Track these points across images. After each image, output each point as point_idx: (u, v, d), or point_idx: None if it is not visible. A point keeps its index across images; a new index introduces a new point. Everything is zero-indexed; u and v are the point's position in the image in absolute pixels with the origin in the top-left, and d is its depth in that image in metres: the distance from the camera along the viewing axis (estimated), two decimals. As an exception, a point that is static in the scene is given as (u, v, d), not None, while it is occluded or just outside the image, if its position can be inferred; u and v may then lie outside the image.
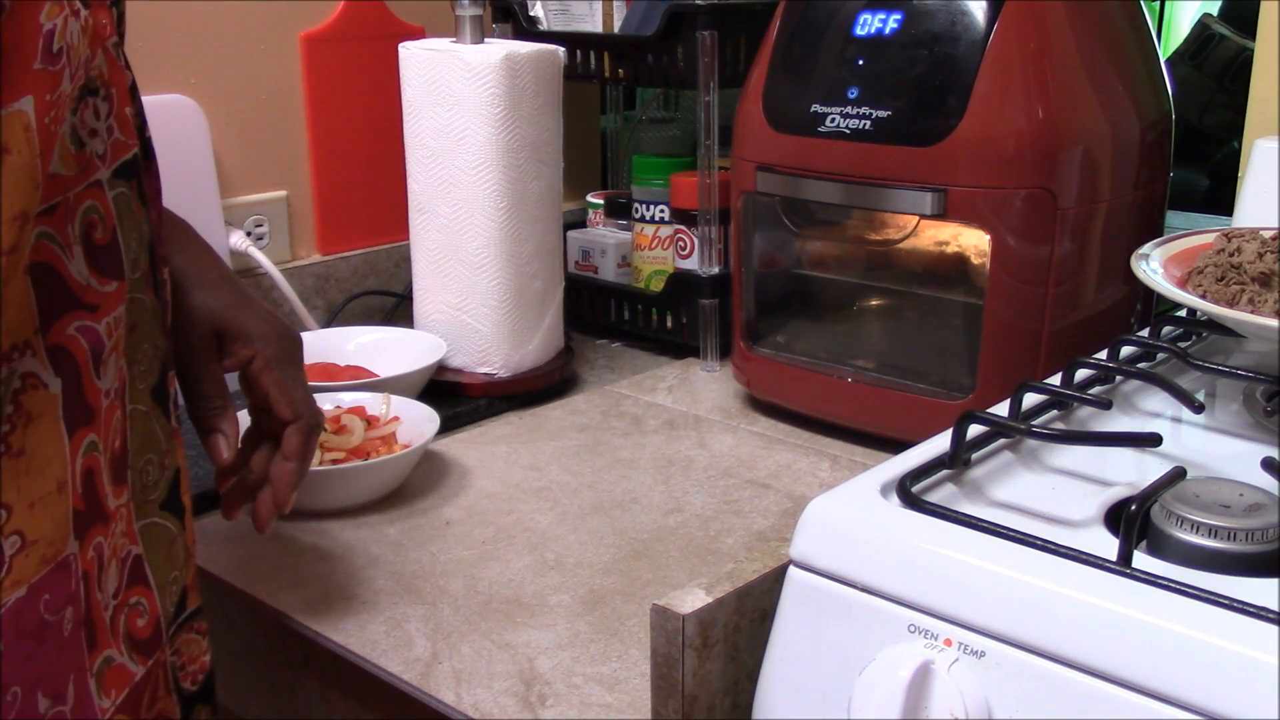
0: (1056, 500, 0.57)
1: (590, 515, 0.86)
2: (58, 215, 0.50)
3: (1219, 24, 2.24)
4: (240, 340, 0.70)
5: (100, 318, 0.53)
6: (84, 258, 0.52)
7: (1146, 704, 0.44)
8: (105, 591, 0.54)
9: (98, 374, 0.52)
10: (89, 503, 0.52)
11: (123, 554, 0.56)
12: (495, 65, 1.00)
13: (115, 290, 0.54)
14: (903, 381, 0.92)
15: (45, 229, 0.49)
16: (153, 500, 0.59)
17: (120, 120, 0.55)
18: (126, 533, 0.56)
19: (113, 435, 0.54)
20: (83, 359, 0.52)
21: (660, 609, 0.54)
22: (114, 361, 0.54)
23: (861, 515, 0.54)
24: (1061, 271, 0.85)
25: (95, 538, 0.53)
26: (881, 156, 0.87)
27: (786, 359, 1.00)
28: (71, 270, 0.51)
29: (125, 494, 0.56)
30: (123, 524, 0.56)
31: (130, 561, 0.57)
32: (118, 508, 0.55)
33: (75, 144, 0.51)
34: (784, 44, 0.95)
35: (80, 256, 0.52)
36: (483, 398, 1.05)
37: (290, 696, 0.76)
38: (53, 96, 0.47)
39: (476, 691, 0.66)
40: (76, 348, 0.51)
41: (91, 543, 0.53)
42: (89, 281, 0.52)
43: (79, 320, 0.51)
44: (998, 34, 0.83)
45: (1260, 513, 0.51)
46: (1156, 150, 0.91)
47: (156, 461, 0.59)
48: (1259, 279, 0.67)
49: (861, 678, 0.50)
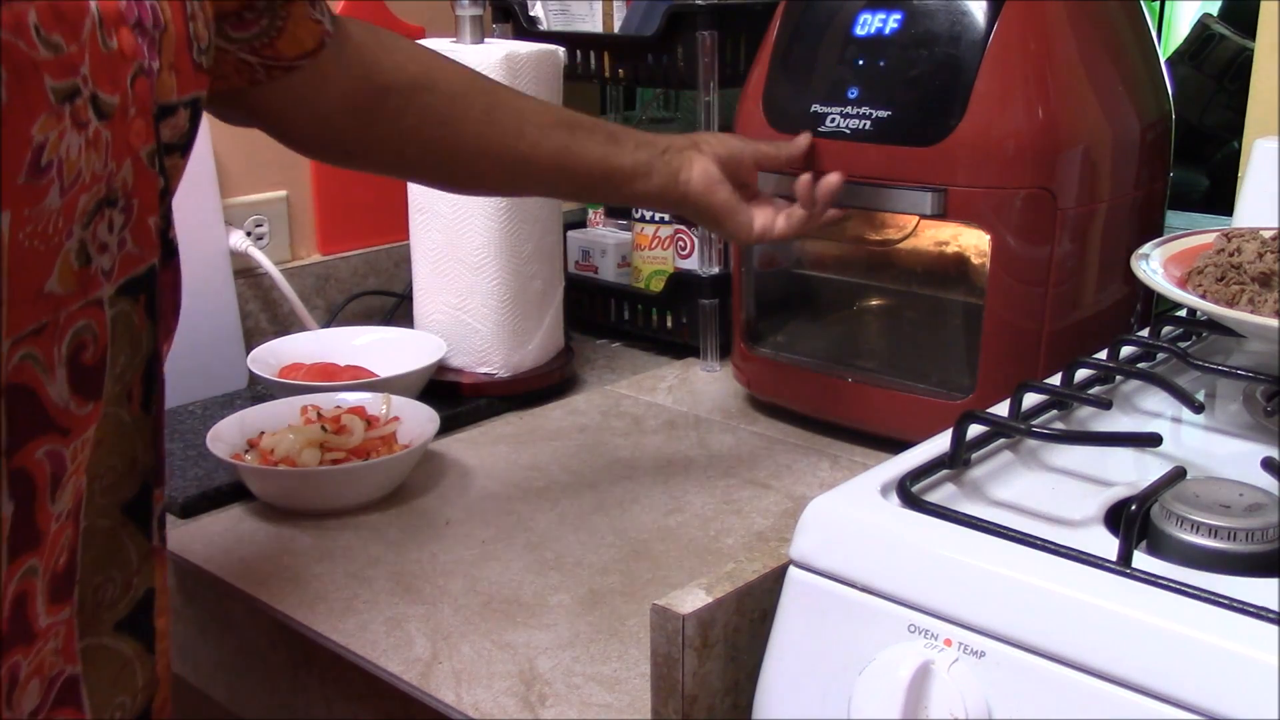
0: (1056, 500, 0.57)
1: (590, 515, 0.86)
2: (45, 335, 0.47)
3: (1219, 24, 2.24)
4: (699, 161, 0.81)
5: (70, 441, 0.49)
6: (66, 379, 0.48)
7: (1146, 704, 0.44)
8: (18, 709, 0.50)
9: (53, 498, 0.49)
10: (16, 625, 0.49)
11: (51, 673, 0.51)
12: (495, 65, 1.00)
13: (91, 411, 0.50)
14: (903, 382, 0.92)
15: (30, 350, 0.46)
16: (107, 620, 0.54)
17: (138, 232, 0.52)
18: (61, 651, 0.52)
19: (58, 553, 0.51)
20: (42, 483, 0.48)
21: (660, 609, 0.54)
22: (73, 481, 0.50)
23: (861, 515, 0.54)
24: (1061, 271, 0.85)
25: (14, 657, 0.49)
26: (881, 156, 0.87)
27: (786, 359, 1.00)
28: (51, 393, 0.47)
29: (66, 611, 0.52)
30: (56, 642, 0.51)
31: (62, 682, 0.52)
32: (51, 625, 0.51)
33: (80, 260, 0.48)
34: (784, 44, 0.95)
35: (63, 379, 0.48)
36: (483, 398, 1.05)
37: (290, 696, 0.76)
38: (33, 211, 0.45)
39: (476, 691, 0.66)
40: (39, 472, 0.48)
41: (8, 662, 0.48)
42: (68, 404, 0.48)
43: (49, 444, 0.48)
44: (998, 34, 0.83)
45: (1260, 513, 0.51)
46: (1156, 150, 0.91)
47: (120, 580, 0.55)
48: (1259, 279, 0.67)
49: (861, 678, 0.50)
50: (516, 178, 0.82)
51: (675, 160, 0.83)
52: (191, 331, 1.06)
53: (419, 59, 0.78)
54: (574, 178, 0.82)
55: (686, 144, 0.84)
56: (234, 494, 0.89)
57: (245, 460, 0.88)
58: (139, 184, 0.51)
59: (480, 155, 0.79)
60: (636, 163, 0.82)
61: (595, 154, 0.81)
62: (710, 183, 0.83)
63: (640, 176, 0.82)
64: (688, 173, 0.82)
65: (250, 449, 0.90)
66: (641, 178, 0.82)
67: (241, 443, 0.90)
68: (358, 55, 0.74)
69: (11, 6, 0.43)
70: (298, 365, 1.04)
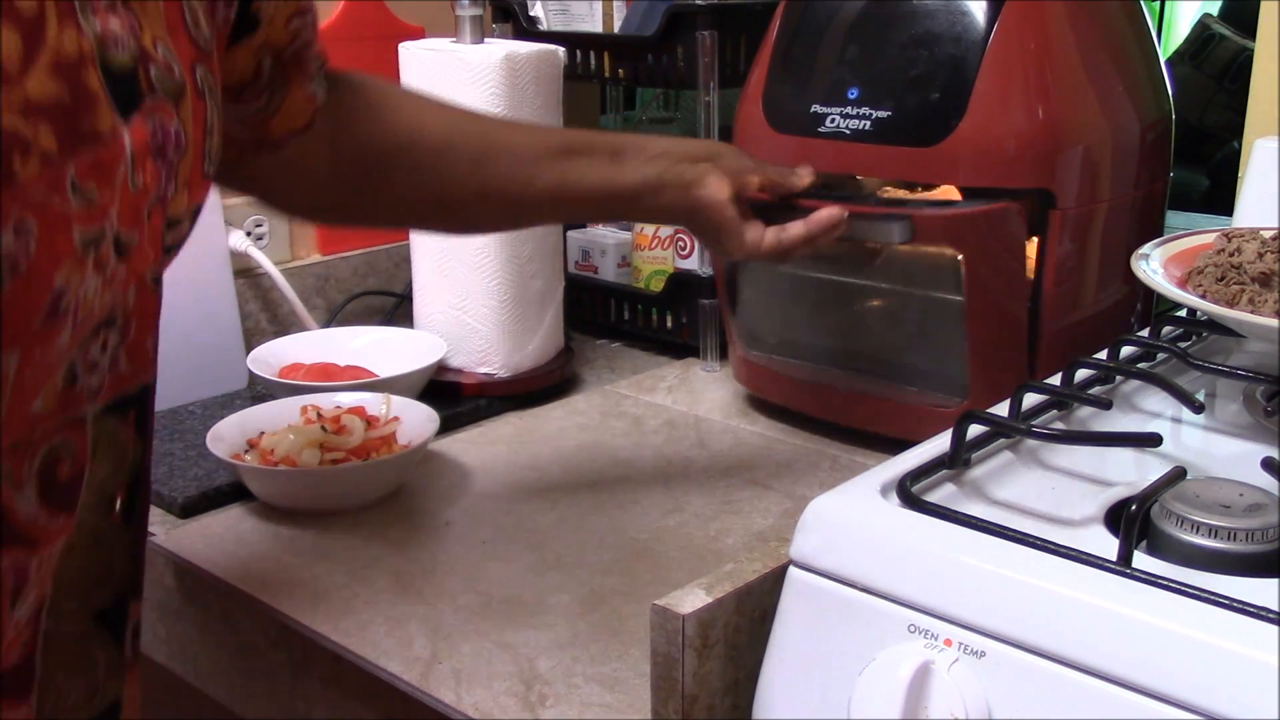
0: (1056, 500, 0.57)
1: (590, 515, 0.86)
2: (17, 452, 0.45)
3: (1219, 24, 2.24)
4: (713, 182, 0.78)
5: (38, 552, 0.48)
6: (37, 494, 0.47)
7: (1146, 704, 0.44)
8: None
9: (14, 604, 0.47)
10: None
11: None
12: (495, 65, 1.00)
13: (63, 524, 0.49)
14: (903, 382, 0.92)
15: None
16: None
17: (133, 351, 0.51)
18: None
19: (13, 651, 0.49)
20: (3, 593, 0.47)
21: (660, 609, 0.54)
22: (37, 589, 0.49)
23: (861, 515, 0.54)
24: (1061, 271, 0.85)
25: None
26: (881, 157, 0.87)
27: (779, 361, 1.00)
28: (18, 506, 0.46)
29: (23, 710, 0.50)
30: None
31: None
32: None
33: (66, 380, 0.47)
34: (784, 44, 0.95)
35: (33, 494, 0.47)
36: (483, 398, 1.05)
37: (290, 696, 0.76)
38: (44, 350, 0.44)
39: (476, 691, 0.66)
40: (2, 581, 0.46)
41: None
42: (37, 518, 0.47)
43: (13, 555, 0.47)
44: (998, 34, 0.83)
45: (1260, 513, 0.51)
46: (1156, 150, 0.91)
47: (85, 687, 0.53)
48: (1259, 279, 0.67)
49: (861, 678, 0.50)
50: (515, 216, 0.82)
51: (689, 173, 0.80)
52: (191, 331, 1.07)
53: (406, 118, 0.77)
54: (575, 205, 0.81)
55: (704, 155, 0.81)
56: (234, 494, 0.89)
57: (245, 460, 0.88)
58: (139, 305, 0.51)
59: (473, 202, 0.79)
60: (645, 179, 0.79)
61: (595, 178, 0.79)
62: (722, 200, 0.80)
63: (648, 193, 0.79)
64: (700, 187, 0.79)
65: (250, 449, 0.90)
66: (650, 194, 0.79)
67: (241, 443, 0.90)
68: (345, 123, 0.73)
69: (49, 157, 0.43)
70: (298, 365, 1.04)
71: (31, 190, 0.42)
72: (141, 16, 0.49)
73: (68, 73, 0.44)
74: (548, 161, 0.78)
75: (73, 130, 0.44)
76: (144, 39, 0.49)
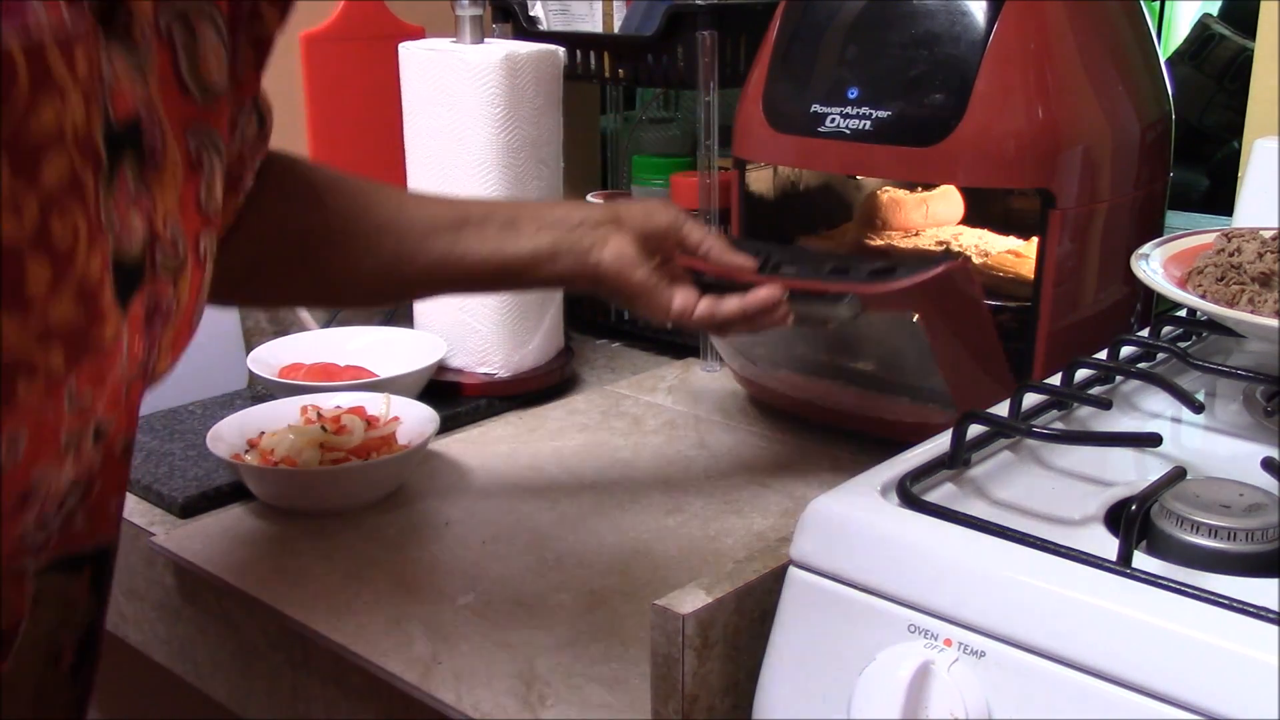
0: (1056, 500, 0.57)
1: (590, 515, 0.86)
2: None
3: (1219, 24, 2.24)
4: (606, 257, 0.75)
5: None
6: None
7: (1146, 704, 0.44)
8: None
9: None
10: None
11: None
12: (495, 65, 1.00)
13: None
14: (893, 395, 0.92)
15: None
16: None
17: (93, 511, 0.50)
18: None
19: None
20: None
21: (660, 609, 0.54)
22: None
23: (861, 515, 0.54)
24: (1061, 271, 0.85)
25: None
26: (881, 157, 0.87)
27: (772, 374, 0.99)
28: None
29: None
30: None
31: None
32: None
33: None
34: (784, 44, 0.95)
35: None
36: (483, 398, 1.05)
37: (290, 696, 0.76)
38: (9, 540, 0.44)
39: (476, 691, 0.66)
40: None
41: None
42: None
43: None
44: (998, 34, 0.83)
45: (1260, 513, 0.51)
46: (1156, 150, 0.91)
47: None
48: (1259, 279, 0.67)
49: (861, 678, 0.50)
50: (401, 292, 0.81)
51: (586, 239, 0.77)
52: (191, 331, 1.07)
53: (298, 209, 0.74)
54: (463, 278, 0.78)
55: (606, 218, 0.78)
56: (234, 494, 0.89)
57: (245, 460, 0.88)
58: (105, 471, 0.50)
59: (355, 285, 0.78)
60: (537, 248, 0.76)
61: (484, 250, 0.76)
62: (625, 264, 0.76)
63: (543, 262, 0.76)
64: (599, 253, 0.76)
65: (250, 449, 0.90)
66: (545, 263, 0.76)
67: (241, 443, 0.90)
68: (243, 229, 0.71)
69: (55, 376, 0.43)
70: (298, 365, 1.04)
71: (29, 406, 0.42)
72: (157, 195, 0.49)
73: (87, 295, 0.43)
74: (435, 237, 0.76)
75: (80, 346, 0.44)
76: (155, 220, 0.49)
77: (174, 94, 0.51)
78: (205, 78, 0.53)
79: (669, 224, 0.79)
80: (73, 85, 0.41)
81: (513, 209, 0.80)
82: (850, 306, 0.79)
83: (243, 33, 0.58)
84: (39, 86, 0.39)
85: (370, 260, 0.76)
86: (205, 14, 0.53)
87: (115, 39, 0.46)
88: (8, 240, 0.39)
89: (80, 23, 0.42)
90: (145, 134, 0.47)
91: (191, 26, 0.52)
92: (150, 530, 0.84)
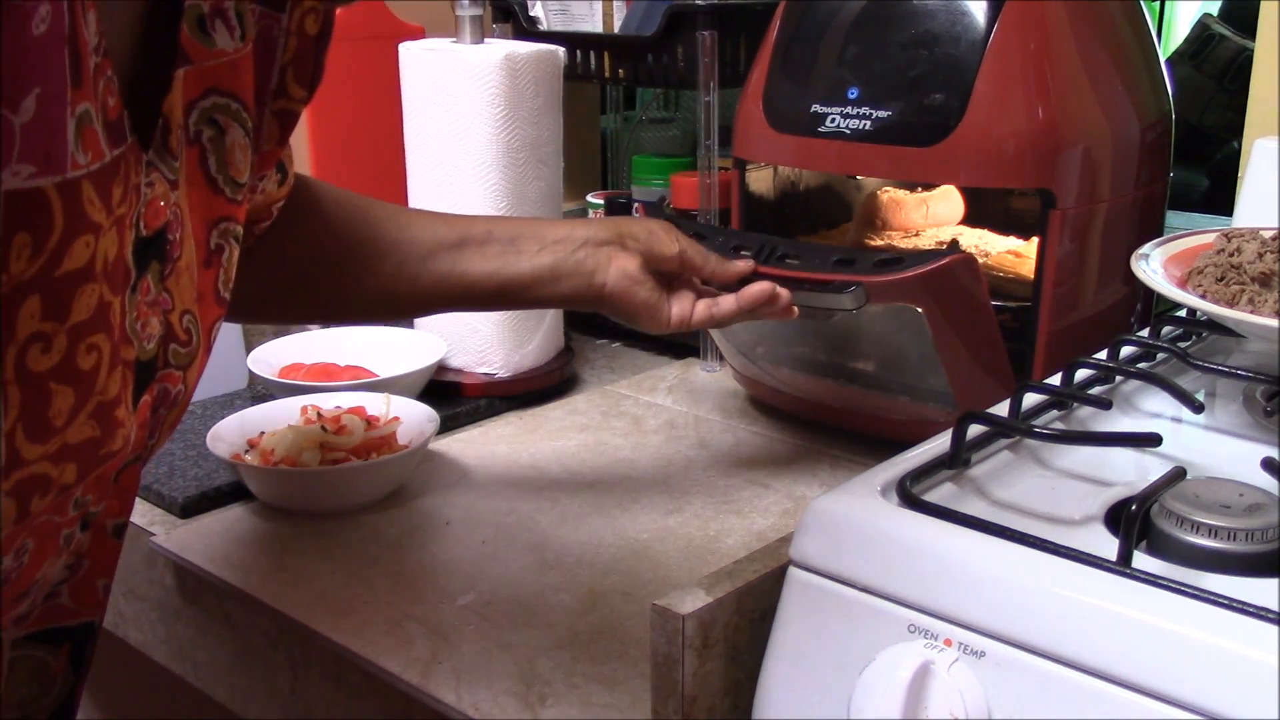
0: (1056, 500, 0.57)
1: (590, 515, 0.86)
2: None
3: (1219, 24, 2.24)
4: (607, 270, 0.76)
5: None
6: None
7: (1146, 704, 0.44)
8: None
9: None
10: None
11: None
12: (495, 65, 1.00)
13: None
14: (893, 394, 0.92)
15: None
16: None
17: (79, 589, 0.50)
18: None
19: None
20: None
21: (660, 609, 0.54)
22: None
23: (861, 515, 0.54)
24: (1061, 271, 0.85)
25: None
26: (882, 157, 0.87)
27: (773, 372, 1.00)
28: None
29: None
30: None
31: None
32: None
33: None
34: (784, 44, 0.95)
35: None
36: (483, 398, 1.05)
37: (290, 696, 0.76)
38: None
39: (476, 691, 0.66)
40: None
41: None
42: None
43: None
44: (998, 34, 0.83)
45: (1260, 513, 0.51)
46: (1156, 150, 0.91)
47: None
48: (1259, 279, 0.67)
49: (861, 678, 0.50)
50: (403, 311, 0.81)
51: (590, 260, 0.78)
52: (191, 331, 1.07)
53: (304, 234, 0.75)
54: (465, 297, 0.79)
55: (609, 237, 0.79)
56: (234, 494, 0.89)
57: (245, 460, 0.88)
58: (94, 549, 0.50)
59: (357, 304, 0.79)
60: (537, 269, 0.77)
61: (485, 269, 0.77)
62: (630, 284, 0.78)
63: (545, 282, 0.78)
64: (604, 275, 0.78)
65: (250, 449, 0.90)
66: (547, 283, 0.78)
67: (241, 443, 0.90)
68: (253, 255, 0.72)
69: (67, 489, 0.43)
70: (298, 365, 1.04)
71: (40, 518, 0.42)
72: (174, 293, 0.49)
73: (105, 413, 0.44)
74: (436, 257, 0.77)
75: (93, 460, 0.44)
76: (172, 317, 0.49)
77: (201, 191, 0.52)
78: (232, 173, 0.54)
79: (669, 245, 0.80)
80: (106, 219, 0.42)
81: (515, 226, 0.80)
82: (855, 297, 0.79)
83: (269, 108, 0.59)
84: (73, 227, 0.40)
85: (372, 280, 0.77)
86: (232, 112, 0.53)
87: (153, 151, 0.47)
88: (35, 373, 0.39)
89: (120, 152, 0.42)
90: (169, 240, 0.48)
91: (220, 125, 0.52)
92: (150, 530, 0.84)
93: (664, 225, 0.82)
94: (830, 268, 0.82)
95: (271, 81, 0.60)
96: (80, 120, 0.39)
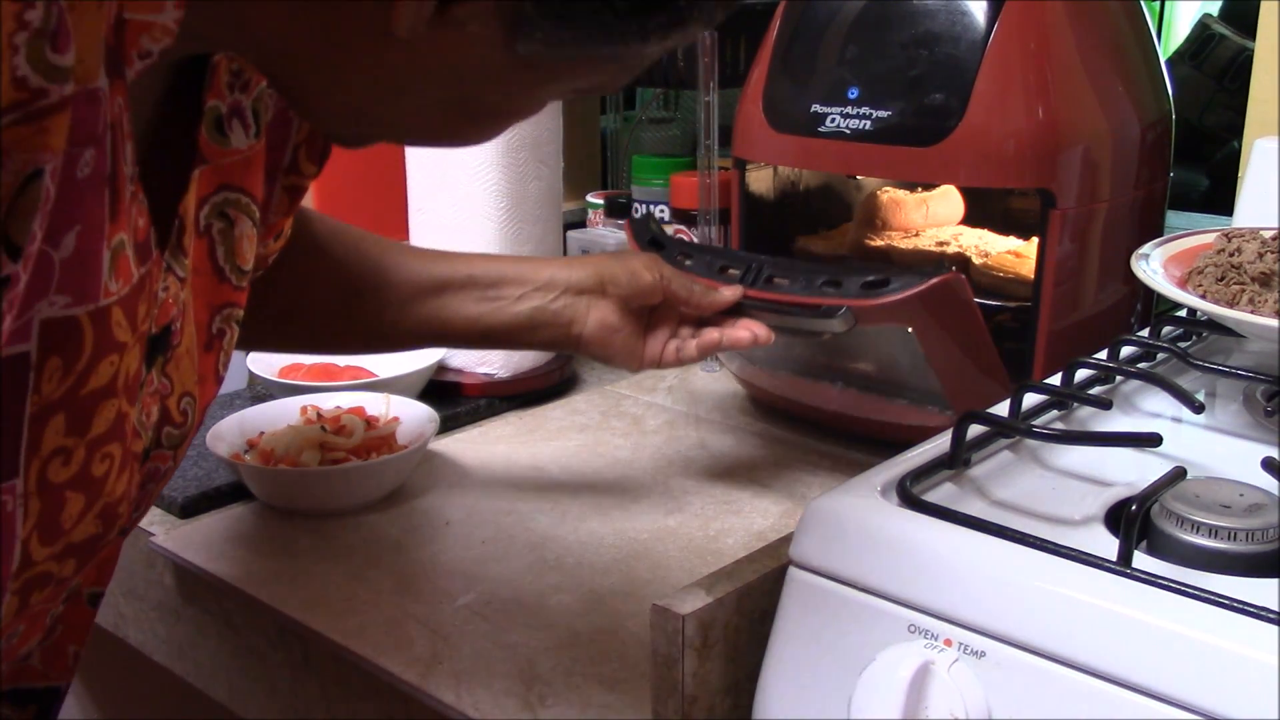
0: (1056, 500, 0.57)
1: (590, 515, 0.86)
2: None
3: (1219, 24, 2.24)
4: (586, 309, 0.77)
5: None
6: None
7: (1146, 704, 0.44)
8: None
9: None
10: None
11: None
12: (495, 65, 0.99)
13: None
14: (891, 397, 0.91)
15: None
16: None
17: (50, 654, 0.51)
18: None
19: None
20: None
21: (660, 609, 0.54)
22: None
23: (861, 515, 0.54)
24: (1061, 271, 0.85)
25: None
26: (882, 157, 0.87)
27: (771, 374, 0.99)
28: None
29: None
30: None
31: None
32: None
33: None
34: (784, 44, 0.95)
35: None
36: (483, 398, 1.05)
37: (290, 696, 0.76)
38: None
39: (476, 691, 0.66)
40: None
41: None
42: None
43: None
44: (998, 34, 0.83)
45: (1260, 513, 0.51)
46: (1156, 150, 0.91)
47: None
48: (1259, 279, 0.67)
49: (861, 678, 0.50)
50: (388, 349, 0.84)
51: (568, 310, 0.79)
52: (191, 331, 1.07)
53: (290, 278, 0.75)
54: (448, 339, 0.82)
55: (590, 284, 0.79)
56: (234, 494, 0.89)
57: (245, 460, 0.88)
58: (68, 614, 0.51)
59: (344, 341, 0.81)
60: (515, 319, 0.78)
61: (467, 315, 0.78)
62: (607, 333, 0.79)
63: (523, 330, 0.79)
64: (581, 325, 0.79)
65: (250, 449, 0.90)
66: (524, 331, 0.79)
67: (241, 443, 0.90)
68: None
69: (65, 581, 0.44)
70: (298, 365, 1.04)
71: (37, 608, 0.44)
72: (174, 378, 0.50)
73: (109, 510, 0.45)
74: (417, 302, 0.78)
75: (91, 553, 0.45)
76: (169, 402, 0.50)
77: (207, 279, 0.53)
78: (238, 261, 0.55)
79: (652, 284, 0.79)
80: (131, 337, 0.43)
81: (499, 268, 0.80)
82: (844, 320, 0.79)
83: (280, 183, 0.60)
84: (101, 349, 0.41)
85: (355, 324, 0.79)
86: (243, 205, 0.54)
87: (168, 251, 0.48)
88: (53, 484, 0.41)
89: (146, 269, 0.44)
90: (174, 333, 0.49)
91: (230, 218, 0.53)
92: (150, 530, 0.84)
93: (646, 261, 0.81)
94: (818, 291, 0.81)
95: (285, 159, 0.61)
96: (115, 250, 0.40)
